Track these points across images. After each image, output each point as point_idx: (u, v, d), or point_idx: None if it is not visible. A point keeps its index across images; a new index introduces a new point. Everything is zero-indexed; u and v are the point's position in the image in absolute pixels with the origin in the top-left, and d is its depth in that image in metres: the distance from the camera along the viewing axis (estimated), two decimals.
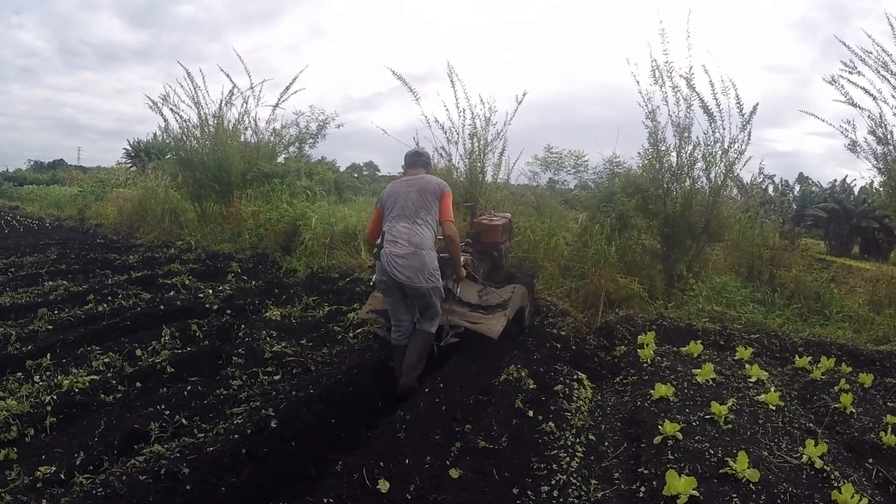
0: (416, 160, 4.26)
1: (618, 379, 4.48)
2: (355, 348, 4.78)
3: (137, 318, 5.38)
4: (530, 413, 3.32)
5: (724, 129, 6.51)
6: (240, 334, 5.08)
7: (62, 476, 2.79)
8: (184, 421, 3.31)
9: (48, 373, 4.10)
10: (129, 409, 3.54)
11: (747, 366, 4.29)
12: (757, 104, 6.41)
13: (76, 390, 3.75)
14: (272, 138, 12.05)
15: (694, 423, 3.24)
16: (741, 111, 6.39)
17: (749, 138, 6.50)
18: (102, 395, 3.73)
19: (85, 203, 16.46)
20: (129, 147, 30.55)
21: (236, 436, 2.93)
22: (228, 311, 5.81)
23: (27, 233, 13.62)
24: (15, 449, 3.07)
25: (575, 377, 4.09)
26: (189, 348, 4.68)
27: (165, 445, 2.96)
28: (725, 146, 6.53)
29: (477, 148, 8.10)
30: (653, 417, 3.36)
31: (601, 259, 6.71)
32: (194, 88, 11.10)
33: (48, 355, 4.31)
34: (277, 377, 4.12)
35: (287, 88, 11.57)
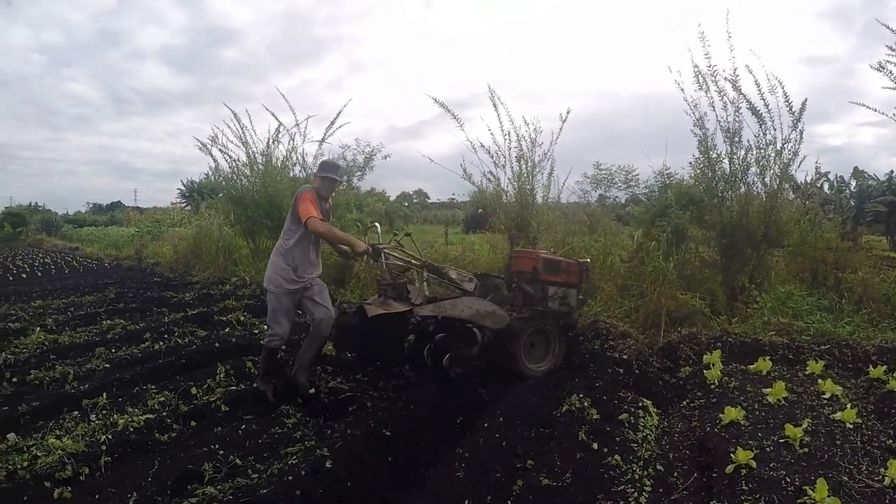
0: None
1: (684, 403, 4.23)
2: (411, 381, 4.68)
3: (192, 356, 5.45)
4: (594, 446, 3.13)
5: (774, 129, 6.21)
6: (294, 371, 5.02)
7: None
8: (238, 461, 3.26)
9: (104, 412, 4.17)
10: (184, 449, 3.54)
11: (819, 381, 3.99)
12: (805, 100, 6.09)
13: (131, 430, 3.79)
14: None
15: (767, 449, 3.04)
16: (790, 109, 6.08)
17: (801, 137, 6.17)
18: (157, 435, 3.75)
19: (142, 243, 17.20)
20: (182, 187, 31.89)
21: (290, 477, 2.87)
22: (283, 347, 5.81)
23: (87, 273, 14.27)
24: (69, 488, 3.10)
25: (640, 404, 3.88)
26: (243, 385, 4.68)
27: (219, 487, 2.94)
28: (778, 147, 6.22)
29: (525, 170, 7.99)
30: (723, 444, 3.15)
31: (659, 276, 6.45)
32: (241, 128, 11.40)
33: (104, 394, 4.39)
34: (332, 415, 4.05)
35: (332, 123, 11.70)
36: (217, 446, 3.49)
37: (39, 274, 14.16)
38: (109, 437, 3.67)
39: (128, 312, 8.01)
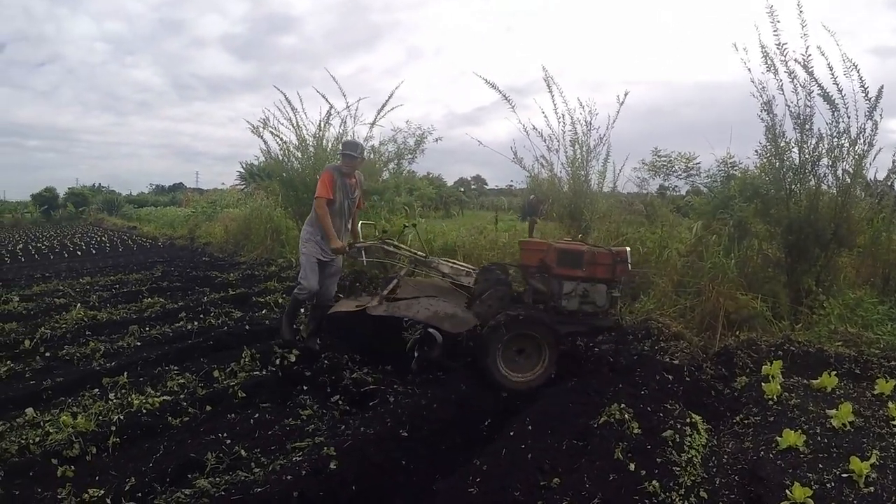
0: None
1: (738, 419, 3.76)
2: (440, 377, 4.28)
3: (222, 338, 5.38)
4: (631, 466, 2.74)
5: (848, 117, 5.50)
6: (322, 357, 4.81)
7: (108, 501, 2.70)
8: (242, 452, 3.10)
9: (123, 391, 4.13)
10: (193, 435, 3.42)
11: (890, 404, 3.46)
12: (882, 87, 5.36)
13: (144, 411, 3.71)
14: (371, 156, 12.21)
15: (828, 485, 2.66)
16: (866, 95, 5.37)
17: (877, 127, 5.44)
18: (169, 418, 3.66)
19: (195, 223, 17.64)
20: (242, 169, 32.66)
21: (289, 476, 2.64)
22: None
23: (139, 251, 14.74)
24: (73, 467, 3.05)
25: (688, 420, 3.45)
26: (266, 371, 4.53)
27: (216, 479, 2.77)
28: (853, 137, 5.52)
29: (579, 155, 7.55)
30: (779, 474, 2.76)
31: (718, 273, 5.90)
32: (293, 111, 11.50)
33: (125, 373, 4.36)
34: (351, 408, 3.82)
35: (384, 105, 11.65)
36: (226, 435, 3.35)
37: (94, 252, 14.72)
38: (122, 417, 3.62)
39: (169, 291, 8.12)
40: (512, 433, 3.15)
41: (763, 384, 3.89)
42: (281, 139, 11.83)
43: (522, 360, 4.28)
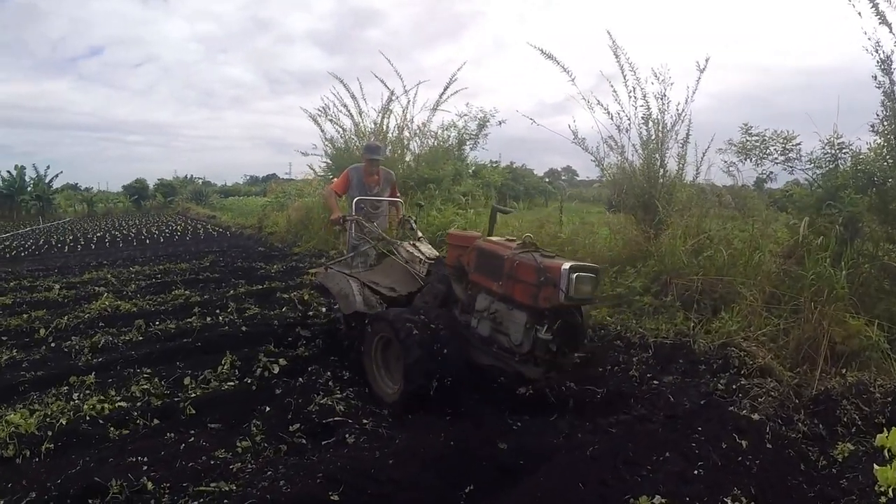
0: None
1: None
2: (427, 419, 3.44)
3: (214, 340, 5.10)
4: None
5: None
6: (310, 369, 4.21)
7: None
8: (149, 485, 2.73)
9: (88, 392, 3.96)
10: (119, 453, 3.11)
11: None
12: None
13: (89, 418, 3.50)
14: (433, 142, 11.82)
15: None
16: None
17: None
18: (111, 429, 3.42)
19: (265, 213, 17.96)
20: (328, 160, 33.56)
21: None
22: (318, 340, 5.08)
23: (206, 240, 15.36)
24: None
25: None
26: (239, 382, 4.16)
27: None
28: None
29: (654, 135, 6.48)
30: None
31: (823, 287, 4.62)
32: (354, 99, 11.60)
33: (93, 373, 4.20)
34: (306, 441, 3.28)
35: (445, 89, 11.23)
36: (146, 459, 2.99)
37: (162, 240, 15.39)
38: (64, 422, 3.43)
39: (203, 283, 8.13)
40: None
41: (875, 468, 2.59)
42: (341, 127, 11.86)
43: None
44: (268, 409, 3.62)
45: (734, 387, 4.01)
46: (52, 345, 5.16)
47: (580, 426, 3.39)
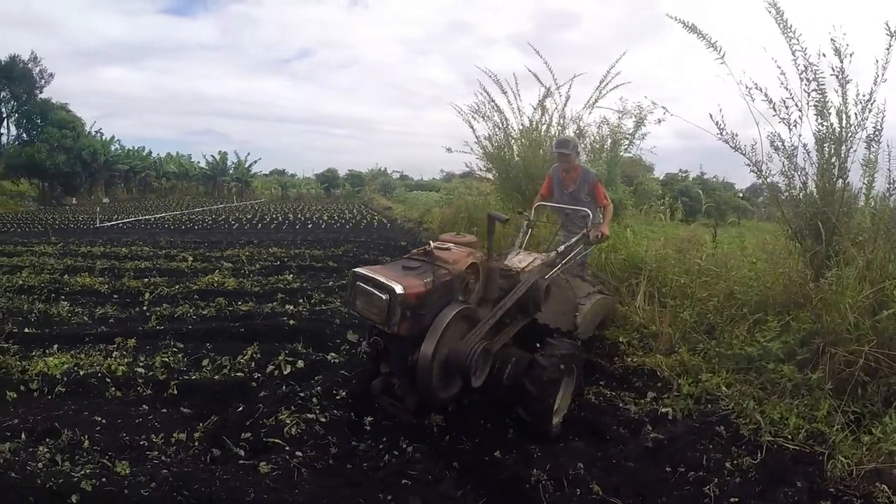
0: None
1: None
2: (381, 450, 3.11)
3: (260, 328, 5.06)
4: None
5: None
6: (315, 378, 3.91)
7: None
8: (86, 443, 2.96)
9: (124, 353, 4.42)
10: (94, 410, 3.40)
11: None
12: None
13: (100, 374, 3.88)
14: (588, 141, 11.02)
15: None
16: None
17: None
18: (112, 388, 3.74)
19: (427, 208, 18.51)
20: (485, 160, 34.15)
21: None
22: (360, 346, 4.70)
23: (365, 229, 16.35)
24: None
25: None
26: (238, 374, 4.07)
27: None
28: None
29: (839, 131, 4.74)
30: None
31: None
32: (508, 97, 11.00)
33: (135, 338, 4.66)
34: (244, 455, 3.01)
35: (601, 84, 10.21)
36: (105, 421, 3.26)
37: (322, 226, 16.53)
38: (81, 373, 3.89)
39: (315, 270, 8.40)
40: None
41: None
42: (497, 126, 11.53)
43: None
44: (241, 409, 3.48)
45: None
46: (145, 308, 5.82)
47: None
